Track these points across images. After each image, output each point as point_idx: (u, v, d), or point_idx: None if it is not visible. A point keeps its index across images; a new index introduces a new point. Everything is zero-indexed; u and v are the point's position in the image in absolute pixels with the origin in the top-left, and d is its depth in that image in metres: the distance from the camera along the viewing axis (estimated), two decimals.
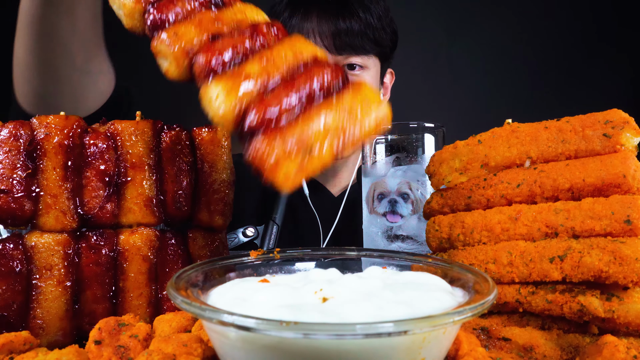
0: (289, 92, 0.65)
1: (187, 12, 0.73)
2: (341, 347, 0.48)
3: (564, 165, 0.75)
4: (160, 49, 0.70)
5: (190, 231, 0.88)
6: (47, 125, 0.78)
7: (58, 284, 0.77)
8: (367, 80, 1.71)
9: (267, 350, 0.50)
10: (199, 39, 0.70)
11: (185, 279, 0.62)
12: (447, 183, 0.88)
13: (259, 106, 0.63)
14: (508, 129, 0.82)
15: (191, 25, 0.71)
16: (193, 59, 0.68)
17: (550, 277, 0.70)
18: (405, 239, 1.11)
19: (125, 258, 0.82)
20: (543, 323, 0.75)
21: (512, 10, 3.94)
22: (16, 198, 0.75)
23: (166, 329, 0.72)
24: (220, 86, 0.64)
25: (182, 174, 0.85)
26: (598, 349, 0.61)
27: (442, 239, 0.83)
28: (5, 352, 0.65)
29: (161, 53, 0.70)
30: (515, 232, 0.76)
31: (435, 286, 0.62)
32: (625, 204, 0.69)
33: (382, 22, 1.68)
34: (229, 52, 0.68)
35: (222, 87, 0.64)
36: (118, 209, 0.82)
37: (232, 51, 0.68)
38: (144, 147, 0.83)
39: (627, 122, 0.74)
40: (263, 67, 0.67)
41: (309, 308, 0.53)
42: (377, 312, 0.51)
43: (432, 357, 0.53)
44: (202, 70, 0.67)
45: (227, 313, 0.49)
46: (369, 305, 0.52)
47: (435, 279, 0.66)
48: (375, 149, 1.15)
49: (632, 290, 0.67)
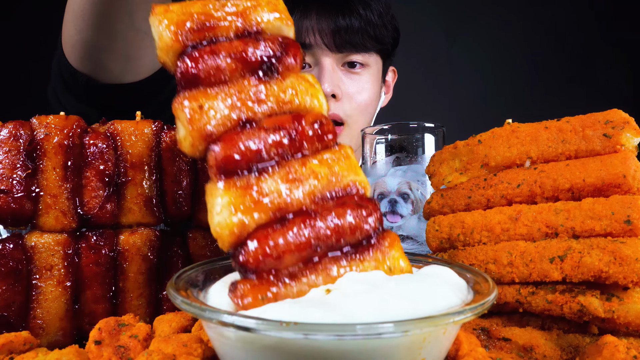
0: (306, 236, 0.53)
1: (228, 74, 0.60)
2: (341, 347, 0.48)
3: (564, 166, 0.75)
4: (180, 115, 0.59)
5: (190, 231, 0.88)
6: (47, 125, 0.78)
7: (58, 284, 0.77)
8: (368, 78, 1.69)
9: (267, 351, 0.50)
10: (226, 123, 0.58)
11: (185, 279, 0.62)
12: (447, 183, 0.88)
13: (262, 242, 0.52)
14: (508, 129, 0.82)
15: (224, 101, 0.58)
16: (210, 145, 0.57)
17: (550, 277, 0.70)
18: (405, 239, 1.11)
19: (125, 258, 0.82)
20: (543, 323, 0.75)
21: (513, 10, 3.94)
22: (16, 198, 0.75)
23: (166, 329, 0.72)
24: (227, 198, 0.54)
25: (182, 174, 0.85)
26: (598, 349, 0.61)
27: (442, 239, 0.83)
28: (5, 352, 0.65)
29: (179, 120, 0.59)
30: (515, 232, 0.76)
31: (442, 279, 0.59)
32: (625, 204, 0.69)
33: (382, 19, 1.66)
34: (253, 155, 0.56)
35: (228, 201, 0.54)
36: (118, 209, 0.82)
37: (258, 155, 0.56)
38: (144, 147, 0.83)
39: (627, 122, 0.74)
40: (286, 189, 0.55)
41: (311, 301, 0.53)
42: (380, 305, 0.51)
43: (432, 357, 0.53)
44: (216, 164, 0.56)
45: (227, 313, 0.49)
46: (372, 298, 0.51)
47: (443, 270, 0.63)
48: (375, 149, 1.15)
49: (632, 291, 0.67)
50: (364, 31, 1.61)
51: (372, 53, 1.68)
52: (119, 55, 1.21)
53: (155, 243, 0.84)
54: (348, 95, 1.64)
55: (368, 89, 1.68)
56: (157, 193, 0.84)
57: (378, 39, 1.66)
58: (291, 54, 0.63)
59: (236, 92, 0.59)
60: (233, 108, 0.59)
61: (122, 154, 0.83)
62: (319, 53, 1.62)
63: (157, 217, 0.85)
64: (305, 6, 1.61)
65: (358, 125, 1.67)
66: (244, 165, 0.56)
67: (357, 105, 1.65)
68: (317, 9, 1.60)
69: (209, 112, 0.58)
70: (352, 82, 1.65)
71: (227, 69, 0.60)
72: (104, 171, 0.81)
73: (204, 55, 0.59)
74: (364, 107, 1.68)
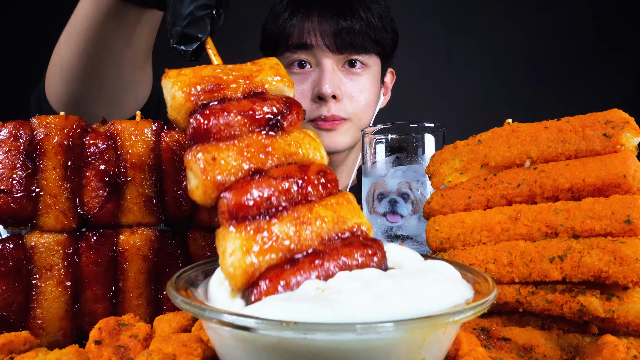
0: (316, 275, 0.56)
1: (237, 129, 0.64)
2: (341, 346, 0.48)
3: (564, 165, 0.75)
4: (192, 167, 0.62)
5: (190, 231, 0.88)
6: (47, 125, 0.78)
7: (58, 284, 0.77)
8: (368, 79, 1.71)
9: (267, 350, 0.50)
10: (237, 173, 0.61)
11: (185, 279, 0.62)
12: (447, 183, 0.88)
13: (274, 281, 0.55)
14: (508, 129, 0.82)
15: (235, 153, 0.62)
16: (222, 193, 0.60)
17: (550, 277, 0.70)
18: (405, 239, 1.11)
19: (125, 258, 0.82)
20: (543, 323, 0.75)
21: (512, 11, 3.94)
22: (16, 198, 0.75)
23: (166, 329, 0.72)
24: (239, 241, 0.57)
25: (182, 174, 0.85)
26: (598, 349, 0.61)
27: (442, 239, 0.83)
28: (5, 352, 0.65)
29: (192, 171, 0.62)
30: (515, 232, 0.76)
31: (441, 274, 0.59)
32: (625, 204, 0.69)
33: (382, 22, 1.68)
34: (263, 201, 0.59)
35: (240, 244, 0.57)
36: (118, 209, 0.82)
37: (267, 202, 0.59)
38: (143, 147, 0.83)
39: (627, 122, 0.74)
40: (295, 232, 0.58)
41: (305, 297, 0.52)
42: (376, 302, 0.50)
43: (432, 357, 0.53)
44: (228, 210, 0.59)
45: (227, 313, 0.49)
46: (368, 294, 0.51)
47: (443, 265, 0.63)
48: (375, 149, 1.15)
49: (632, 290, 0.67)
50: (365, 33, 1.63)
51: (372, 54, 1.70)
52: (106, 104, 1.28)
53: (155, 243, 0.84)
54: (349, 95, 1.66)
55: (368, 89, 1.70)
56: (157, 193, 0.85)
57: (378, 40, 1.68)
58: (294, 112, 0.68)
59: (245, 146, 0.63)
60: (243, 159, 0.62)
61: (122, 154, 0.83)
62: (320, 54, 1.64)
63: (157, 217, 0.85)
64: (307, 8, 1.64)
65: (360, 122, 1.70)
66: (255, 210, 0.59)
67: (358, 105, 1.68)
68: (319, 11, 1.63)
69: (220, 162, 0.61)
70: (353, 83, 1.67)
71: (236, 125, 0.64)
72: (104, 171, 0.81)
73: (215, 112, 0.64)
74: (364, 107, 1.70)
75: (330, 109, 1.63)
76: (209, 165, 0.61)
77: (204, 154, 0.61)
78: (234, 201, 0.58)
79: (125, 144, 0.83)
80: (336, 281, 0.56)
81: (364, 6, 1.65)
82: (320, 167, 0.64)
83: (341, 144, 1.70)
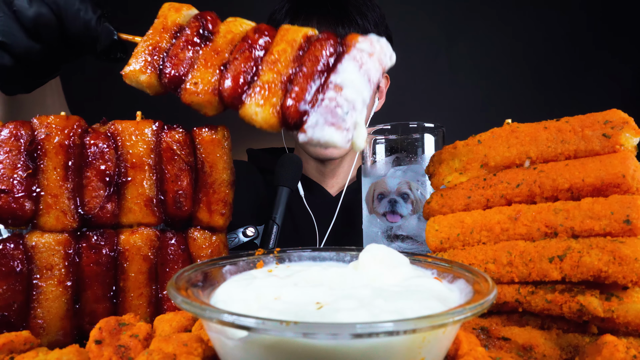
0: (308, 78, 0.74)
1: (192, 58, 0.81)
2: (341, 346, 0.48)
3: (564, 166, 0.75)
4: (192, 100, 0.79)
5: (190, 231, 0.88)
6: (47, 125, 0.78)
7: (59, 283, 0.77)
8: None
9: (267, 350, 0.50)
10: (214, 76, 0.79)
11: (186, 279, 0.62)
12: (447, 183, 0.88)
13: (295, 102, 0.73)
14: (508, 129, 0.82)
15: (202, 68, 0.79)
16: (219, 94, 0.78)
17: (549, 276, 0.70)
18: (405, 239, 1.11)
19: (126, 258, 0.82)
20: (542, 323, 0.75)
21: (512, 11, 3.94)
22: (17, 198, 0.75)
23: (166, 329, 0.72)
24: (253, 103, 0.75)
25: (182, 174, 0.85)
26: (597, 349, 0.61)
27: (442, 238, 0.84)
28: (5, 351, 0.65)
29: (194, 103, 0.80)
30: (514, 232, 0.76)
31: (429, 293, 0.61)
32: (624, 204, 0.69)
33: (378, 29, 1.75)
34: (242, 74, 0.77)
35: (255, 104, 0.75)
36: (118, 209, 0.82)
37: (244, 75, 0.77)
38: (144, 147, 0.84)
39: (626, 122, 0.74)
40: (276, 71, 0.76)
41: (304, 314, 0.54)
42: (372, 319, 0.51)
43: (432, 357, 0.53)
44: (232, 98, 0.77)
45: (227, 313, 0.49)
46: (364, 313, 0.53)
47: (432, 282, 0.65)
48: (375, 149, 1.15)
49: (631, 290, 0.67)
50: None
51: None
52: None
53: (156, 243, 0.84)
54: None
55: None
56: (157, 193, 0.85)
57: None
58: (207, 17, 0.84)
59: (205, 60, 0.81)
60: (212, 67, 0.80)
61: (122, 154, 0.83)
62: None
63: (157, 217, 0.85)
64: (307, 16, 1.69)
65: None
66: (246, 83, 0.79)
67: None
68: (317, 18, 1.69)
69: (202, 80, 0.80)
70: None
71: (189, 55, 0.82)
72: (104, 171, 0.81)
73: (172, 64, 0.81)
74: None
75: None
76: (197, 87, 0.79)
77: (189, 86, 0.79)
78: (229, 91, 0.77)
79: (125, 144, 0.83)
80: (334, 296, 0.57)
81: (360, 14, 1.71)
82: (253, 27, 0.82)
83: (337, 153, 1.75)
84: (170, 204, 0.85)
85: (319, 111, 0.71)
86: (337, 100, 0.71)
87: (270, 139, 2.24)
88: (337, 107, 0.70)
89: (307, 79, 0.74)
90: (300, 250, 0.78)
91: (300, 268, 0.72)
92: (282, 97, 0.75)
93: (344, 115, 0.70)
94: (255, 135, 3.19)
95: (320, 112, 0.71)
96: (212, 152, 0.87)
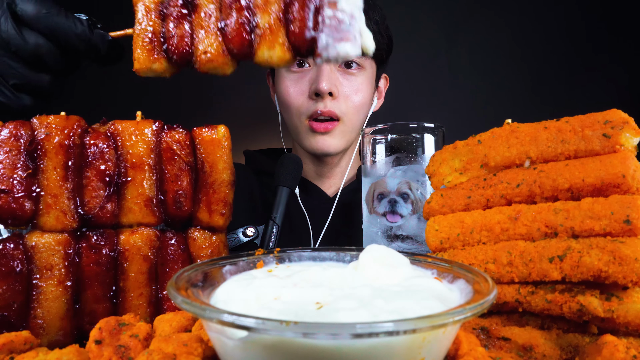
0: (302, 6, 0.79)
1: (189, 30, 0.84)
2: (341, 346, 0.48)
3: (564, 166, 0.75)
4: (208, 68, 0.84)
5: (190, 231, 0.88)
6: (47, 125, 0.78)
7: (58, 283, 0.77)
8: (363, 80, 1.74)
9: (267, 350, 0.50)
10: (218, 37, 0.83)
11: (186, 279, 0.62)
12: (447, 183, 0.88)
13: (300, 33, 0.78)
14: (508, 129, 0.82)
15: (204, 36, 0.83)
16: (230, 53, 0.83)
17: (549, 277, 0.70)
18: (405, 239, 1.11)
19: (126, 258, 0.82)
20: (542, 323, 0.75)
21: (512, 11, 3.94)
22: (16, 198, 0.75)
23: (166, 329, 0.72)
24: (264, 48, 0.81)
25: (182, 174, 0.85)
26: (597, 349, 0.61)
27: (442, 238, 0.84)
28: (5, 352, 0.65)
29: (211, 70, 0.85)
30: (514, 232, 0.76)
31: (429, 293, 0.61)
32: (624, 204, 0.69)
33: (379, 28, 1.74)
34: (241, 27, 0.81)
35: (266, 48, 0.81)
36: (118, 209, 0.82)
37: (243, 26, 0.81)
38: (144, 147, 0.84)
39: (626, 122, 0.74)
40: (271, 11, 0.81)
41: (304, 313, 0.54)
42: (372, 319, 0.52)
43: (432, 357, 0.53)
44: (242, 52, 0.82)
45: (227, 313, 0.49)
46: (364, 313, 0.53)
47: (432, 282, 0.65)
48: (375, 149, 1.15)
49: (631, 290, 0.67)
50: None
51: (367, 57, 1.73)
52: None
53: (156, 243, 0.84)
54: (344, 95, 1.69)
55: (363, 90, 1.73)
56: (157, 193, 0.85)
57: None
58: None
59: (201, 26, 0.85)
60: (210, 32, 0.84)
61: (122, 154, 0.83)
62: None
63: (157, 217, 0.85)
64: None
65: (352, 123, 1.73)
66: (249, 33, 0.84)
67: (353, 104, 1.71)
68: None
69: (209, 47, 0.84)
70: (349, 83, 1.70)
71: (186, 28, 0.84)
72: (104, 171, 0.81)
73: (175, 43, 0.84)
74: (359, 106, 1.73)
75: (327, 104, 1.65)
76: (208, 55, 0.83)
77: (200, 56, 0.83)
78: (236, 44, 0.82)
79: (125, 144, 0.83)
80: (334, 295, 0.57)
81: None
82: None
83: (334, 147, 1.73)
84: (170, 204, 0.85)
85: (325, 32, 0.78)
86: (337, 16, 0.78)
87: (270, 139, 2.24)
88: (340, 22, 0.78)
89: (302, 7, 0.79)
90: (300, 250, 0.78)
91: (300, 268, 0.72)
92: (286, 33, 0.80)
93: (348, 27, 0.78)
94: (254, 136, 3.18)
95: (326, 32, 0.78)
96: (212, 152, 0.87)
